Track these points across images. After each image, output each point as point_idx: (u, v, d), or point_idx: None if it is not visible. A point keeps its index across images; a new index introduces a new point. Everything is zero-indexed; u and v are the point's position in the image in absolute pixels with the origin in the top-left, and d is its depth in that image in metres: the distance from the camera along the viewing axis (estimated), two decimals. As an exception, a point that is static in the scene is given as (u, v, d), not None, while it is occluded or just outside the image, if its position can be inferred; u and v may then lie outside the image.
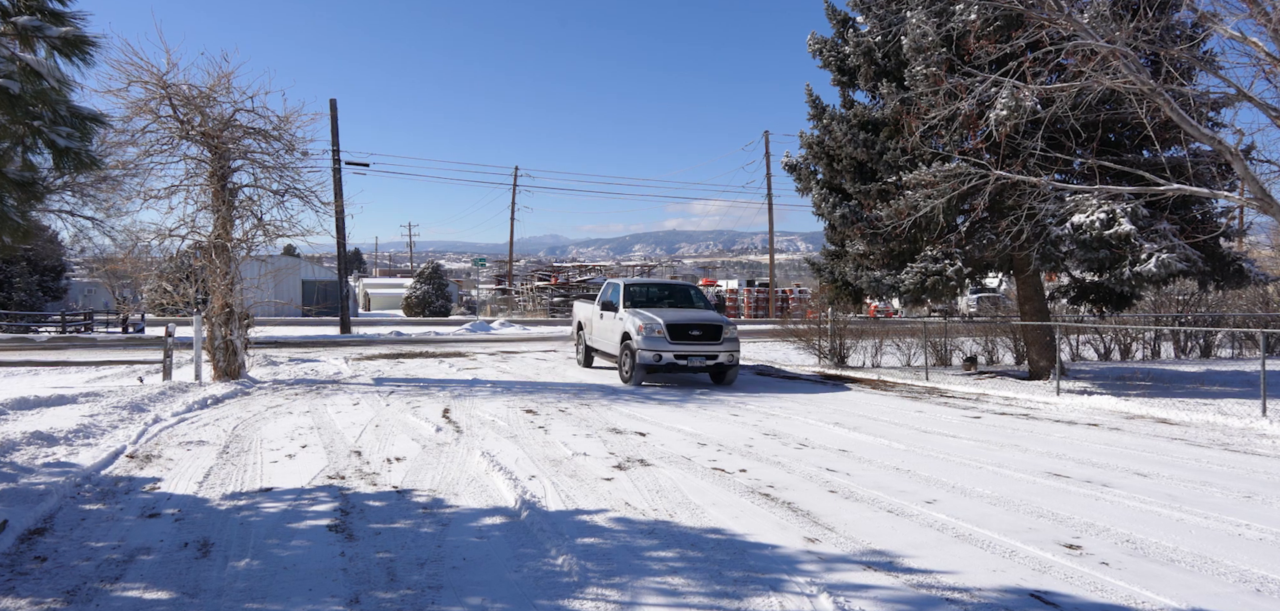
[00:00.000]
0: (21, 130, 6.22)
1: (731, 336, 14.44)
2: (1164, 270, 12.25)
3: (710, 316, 14.81)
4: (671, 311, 14.93)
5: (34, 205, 7.05)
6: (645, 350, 14.05)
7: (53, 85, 6.03)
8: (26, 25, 6.01)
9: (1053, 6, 10.26)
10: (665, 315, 14.45)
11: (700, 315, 14.83)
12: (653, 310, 14.96)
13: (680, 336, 14.08)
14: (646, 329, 14.12)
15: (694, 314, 14.88)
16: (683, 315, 14.61)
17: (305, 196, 15.00)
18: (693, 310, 15.47)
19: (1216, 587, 4.66)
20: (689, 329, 14.17)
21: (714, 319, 14.57)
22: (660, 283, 17.22)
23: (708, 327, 14.28)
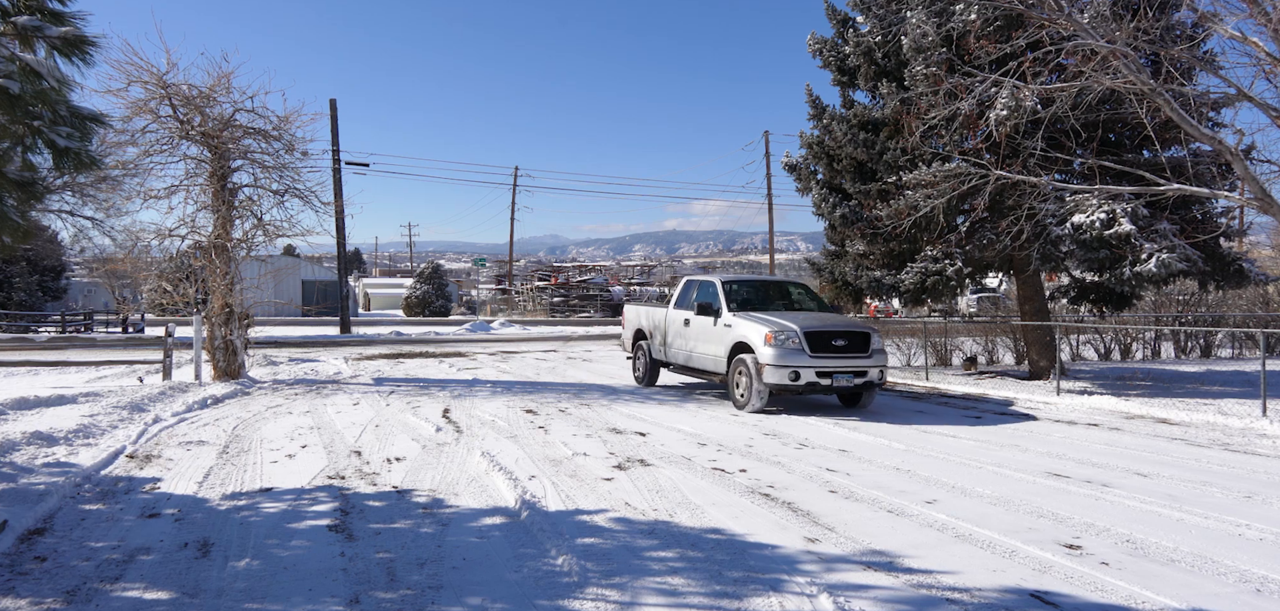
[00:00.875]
0: (21, 130, 6.21)
1: (880, 348, 11.54)
2: (1164, 270, 12.25)
3: (852, 322, 12.18)
4: (796, 316, 11.75)
5: (34, 205, 7.05)
6: (777, 366, 10.87)
7: (53, 85, 6.02)
8: (26, 25, 6.01)
9: (1053, 6, 10.26)
10: (794, 320, 11.34)
11: (839, 320, 11.99)
12: (768, 314, 11.95)
13: (821, 348, 11.06)
14: (779, 338, 10.94)
15: (830, 319, 11.88)
16: (817, 320, 11.59)
17: (305, 196, 15.01)
18: (823, 314, 12.43)
19: (1217, 587, 4.66)
20: (831, 338, 11.19)
21: (857, 325, 11.80)
22: (761, 279, 14.30)
23: (853, 336, 11.33)
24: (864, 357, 11.28)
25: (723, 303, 12.34)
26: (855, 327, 11.53)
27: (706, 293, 13.02)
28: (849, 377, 11.11)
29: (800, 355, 10.90)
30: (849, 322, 11.95)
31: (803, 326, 11.08)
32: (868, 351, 11.37)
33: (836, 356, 11.12)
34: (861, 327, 11.58)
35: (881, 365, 11.42)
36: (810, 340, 11.00)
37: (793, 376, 10.86)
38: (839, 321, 11.83)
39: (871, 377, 11.29)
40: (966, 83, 11.88)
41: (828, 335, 11.19)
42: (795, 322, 11.20)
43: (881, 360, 11.46)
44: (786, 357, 10.89)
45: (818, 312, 12.58)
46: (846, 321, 12.05)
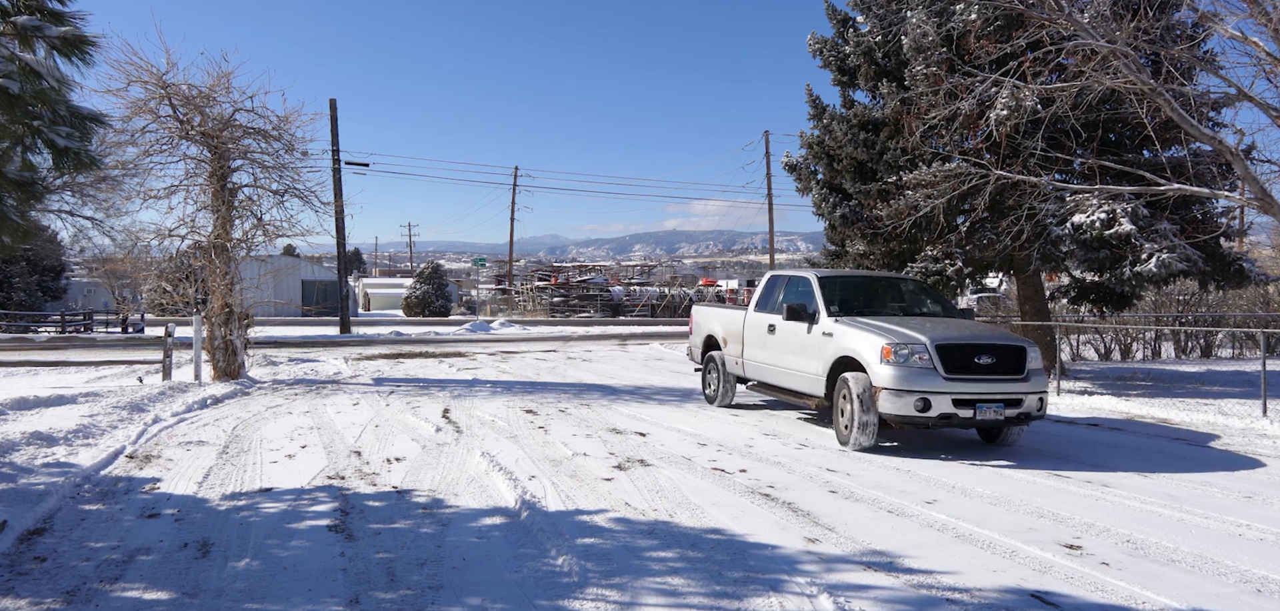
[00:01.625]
0: (21, 130, 6.21)
1: (1038, 368, 8.62)
2: (1164, 270, 12.25)
3: (999, 333, 9.41)
4: (920, 324, 9.17)
5: (34, 205, 7.05)
6: (898, 391, 8.17)
7: (52, 85, 6.02)
8: (26, 25, 6.01)
9: (1053, 6, 10.25)
10: (919, 330, 8.68)
11: (980, 330, 9.29)
12: (881, 319, 9.38)
13: (960, 368, 8.29)
14: (901, 353, 8.26)
15: (967, 329, 9.12)
16: (952, 330, 8.85)
17: (305, 196, 15.02)
18: (952, 321, 9.75)
19: (1217, 587, 4.66)
20: (974, 354, 8.40)
21: (1006, 337, 8.92)
22: (867, 275, 11.65)
23: (1003, 352, 8.49)
24: (1017, 381, 8.38)
25: (820, 304, 9.66)
26: (1005, 340, 8.69)
27: (798, 291, 10.39)
28: (998, 408, 8.20)
29: (931, 377, 8.16)
30: (994, 333, 9.17)
31: (934, 338, 8.32)
32: (1022, 372, 8.43)
33: (980, 379, 8.26)
34: (1013, 341, 8.68)
35: (1040, 391, 8.49)
36: (945, 357, 8.23)
37: (920, 405, 8.10)
38: (980, 331, 9.10)
39: (1028, 408, 8.38)
40: (966, 83, 11.88)
41: (969, 350, 8.36)
42: (922, 333, 8.46)
43: (1040, 384, 8.51)
44: (912, 379, 8.14)
45: (945, 318, 9.92)
46: (991, 332, 9.36)
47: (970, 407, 8.14)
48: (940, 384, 8.13)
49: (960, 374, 8.21)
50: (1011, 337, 8.84)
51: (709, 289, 58.08)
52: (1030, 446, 9.04)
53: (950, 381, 8.14)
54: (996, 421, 8.32)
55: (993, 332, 9.25)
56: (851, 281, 10.76)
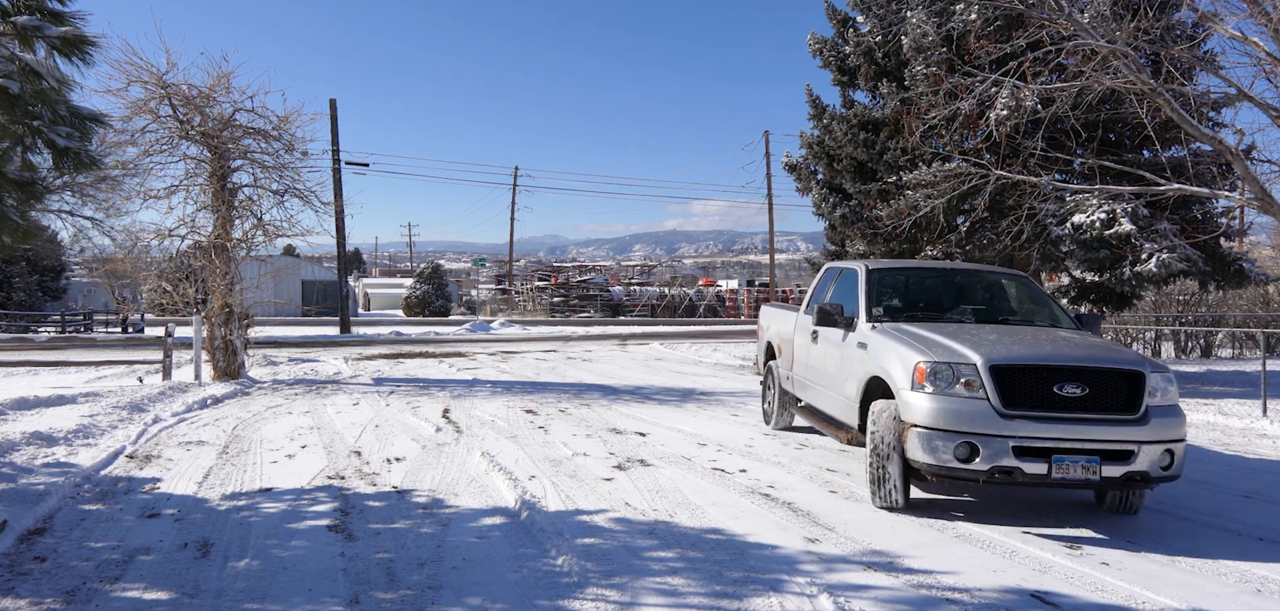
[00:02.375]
0: (21, 130, 6.21)
1: (1167, 404, 5.93)
2: (1164, 270, 12.26)
3: (1103, 351, 6.26)
4: (991, 333, 6.62)
5: (34, 205, 7.05)
6: (933, 431, 5.83)
7: (52, 85, 6.03)
8: (26, 25, 6.01)
9: (1053, 6, 10.26)
10: (977, 341, 6.26)
11: (1075, 346, 6.30)
12: (945, 324, 7.06)
13: (1031, 399, 5.80)
14: (938, 373, 5.93)
15: (1057, 342, 6.42)
16: (1027, 342, 6.36)
17: (305, 196, 15.01)
18: (1046, 331, 7.08)
19: (1217, 587, 4.66)
20: (1053, 378, 5.82)
21: (1111, 357, 6.08)
22: (943, 266, 8.83)
23: (1101, 378, 5.87)
24: (1125, 423, 5.68)
25: (861, 303, 7.30)
26: (1107, 361, 5.90)
27: (842, 286, 8.13)
28: (1090, 463, 5.55)
29: (981, 411, 5.68)
30: (1095, 351, 6.13)
31: (992, 354, 5.84)
32: (1136, 410, 5.74)
33: (1062, 418, 5.66)
34: (1121, 362, 5.93)
35: (1167, 440, 5.70)
36: (1005, 382, 5.73)
37: (964, 452, 5.66)
38: (1074, 348, 6.15)
39: (1145, 466, 5.63)
40: (966, 83, 11.88)
41: (1045, 374, 5.75)
42: (977, 347, 5.98)
43: (1167, 429, 5.73)
44: (952, 415, 5.72)
45: (1047, 329, 7.08)
46: (1091, 348, 6.19)
47: (1042, 461, 5.49)
48: (995, 423, 5.57)
49: (1029, 409, 5.62)
50: (1121, 356, 6.03)
51: (709, 289, 58.05)
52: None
53: (1011, 420, 5.56)
54: (1086, 483, 5.58)
55: (1093, 349, 6.10)
56: (919, 275, 8.32)
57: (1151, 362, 6.06)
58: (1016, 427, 5.60)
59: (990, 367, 5.73)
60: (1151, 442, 5.62)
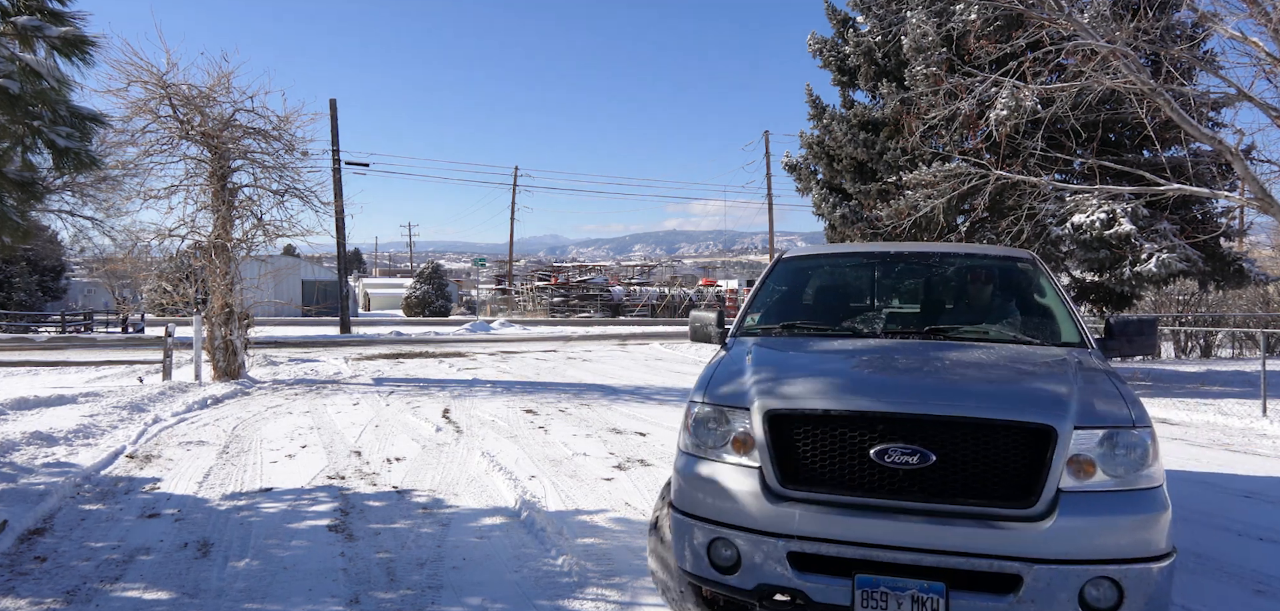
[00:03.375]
0: (21, 130, 6.22)
1: (1119, 490, 3.16)
2: (1164, 270, 12.26)
3: (996, 382, 3.61)
4: (896, 357, 4.02)
5: (34, 205, 7.06)
6: (684, 517, 3.54)
7: (52, 85, 6.03)
8: (26, 25, 6.01)
9: (1053, 6, 10.26)
10: (794, 370, 3.91)
11: (947, 376, 3.72)
12: (814, 349, 4.33)
13: (842, 471, 3.31)
14: (700, 422, 3.65)
15: (933, 372, 3.77)
16: (911, 374, 3.77)
17: (305, 196, 15.03)
18: (977, 351, 4.15)
19: (1217, 587, 4.66)
20: (876, 433, 3.27)
21: (1003, 394, 3.44)
22: (878, 252, 5.62)
23: (958, 432, 3.22)
24: (1009, 517, 3.15)
25: (745, 308, 5.07)
26: (987, 400, 3.34)
27: (752, 284, 5.68)
28: (927, 595, 3.14)
29: (747, 487, 3.40)
30: (982, 382, 3.61)
31: (774, 394, 3.52)
32: (1031, 497, 3.15)
33: (892, 504, 3.24)
34: (1013, 404, 3.31)
35: (1105, 558, 3.07)
36: (786, 436, 3.41)
37: (725, 557, 3.44)
38: (952, 378, 3.70)
39: (1038, 607, 3.07)
40: (966, 83, 11.89)
41: (857, 424, 3.32)
42: (786, 373, 3.82)
43: (1110, 532, 3.09)
44: (705, 489, 3.51)
45: (997, 348, 4.25)
46: (982, 380, 3.66)
47: (844, 581, 3.25)
48: (764, 509, 3.34)
49: (829, 488, 3.33)
50: (1021, 394, 3.48)
51: (709, 289, 58.07)
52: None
53: (790, 504, 3.32)
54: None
55: (981, 380, 3.65)
56: (844, 265, 5.71)
57: (1090, 405, 3.28)
58: (798, 519, 3.25)
59: (765, 414, 3.37)
60: (1058, 563, 3.04)
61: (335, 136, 31.97)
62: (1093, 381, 3.59)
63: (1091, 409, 3.28)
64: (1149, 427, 3.26)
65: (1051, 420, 3.18)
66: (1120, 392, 3.47)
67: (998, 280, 5.08)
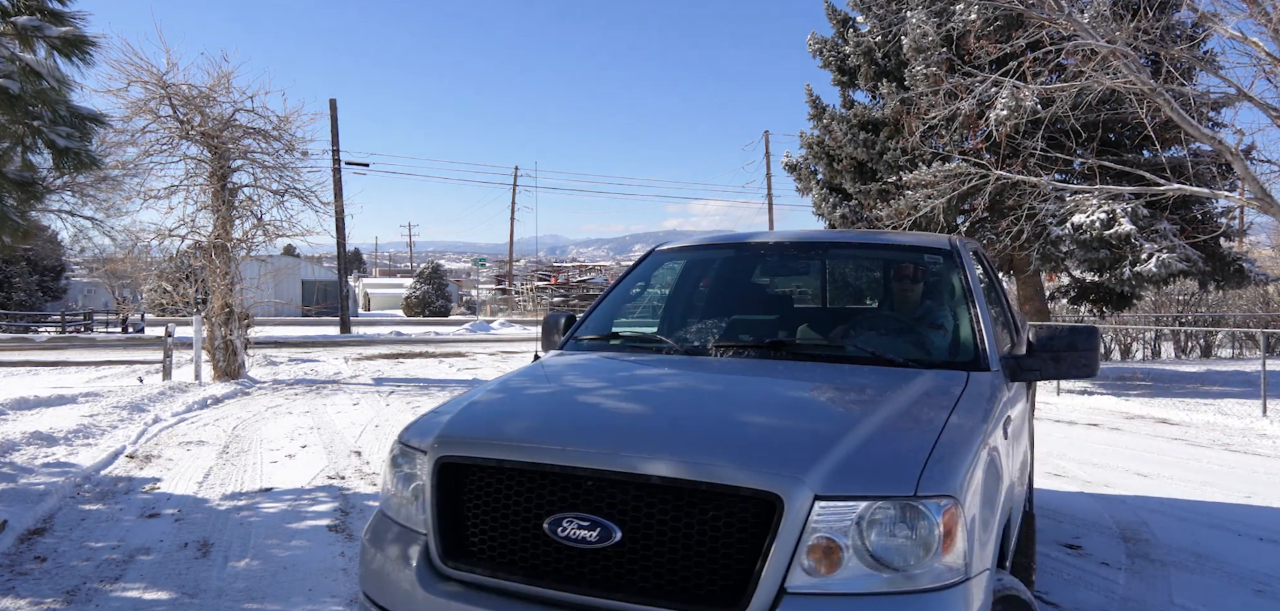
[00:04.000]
0: (21, 130, 6.22)
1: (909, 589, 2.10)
2: (1164, 270, 12.26)
3: (735, 424, 2.51)
4: (745, 381, 3.05)
5: (34, 205, 7.06)
6: (364, 602, 2.66)
7: (52, 85, 6.03)
8: (26, 25, 6.02)
9: (1053, 6, 10.26)
10: (506, 394, 3.11)
11: (707, 412, 2.71)
12: (648, 364, 3.44)
13: (517, 545, 2.35)
14: (397, 466, 2.75)
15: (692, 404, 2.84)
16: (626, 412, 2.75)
17: (305, 196, 15.04)
18: (836, 372, 3.14)
19: (1217, 587, 4.66)
20: (556, 497, 2.31)
21: (717, 444, 2.34)
22: (756, 242, 4.42)
23: (647, 498, 2.23)
24: None
25: (598, 301, 4.28)
26: (699, 451, 2.29)
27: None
28: None
29: (411, 557, 2.53)
30: (720, 426, 2.50)
31: (452, 433, 2.61)
32: (739, 601, 2.11)
33: (569, 594, 2.25)
34: (727, 459, 2.22)
35: None
36: (455, 492, 2.51)
37: None
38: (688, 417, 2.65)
39: None
40: (966, 83, 11.89)
41: (535, 482, 2.36)
42: (520, 409, 2.94)
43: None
44: (376, 558, 2.65)
45: (849, 373, 3.11)
46: (730, 420, 2.55)
47: None
48: (420, 599, 2.43)
49: (499, 570, 2.37)
50: (758, 442, 2.38)
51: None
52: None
53: (452, 589, 2.40)
54: None
55: (746, 419, 2.56)
56: (716, 258, 4.54)
57: (859, 461, 2.27)
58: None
59: (437, 462, 2.54)
60: None
61: (335, 136, 31.97)
62: (912, 422, 2.52)
63: (855, 467, 2.19)
64: (949, 498, 2.12)
65: (777, 484, 2.10)
66: (935, 441, 2.33)
67: (898, 277, 4.04)
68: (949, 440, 2.38)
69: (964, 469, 2.29)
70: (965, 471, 2.29)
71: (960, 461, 2.30)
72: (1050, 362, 3.24)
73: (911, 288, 3.89)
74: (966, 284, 3.60)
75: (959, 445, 2.38)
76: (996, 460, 2.66)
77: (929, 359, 3.32)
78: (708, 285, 4.39)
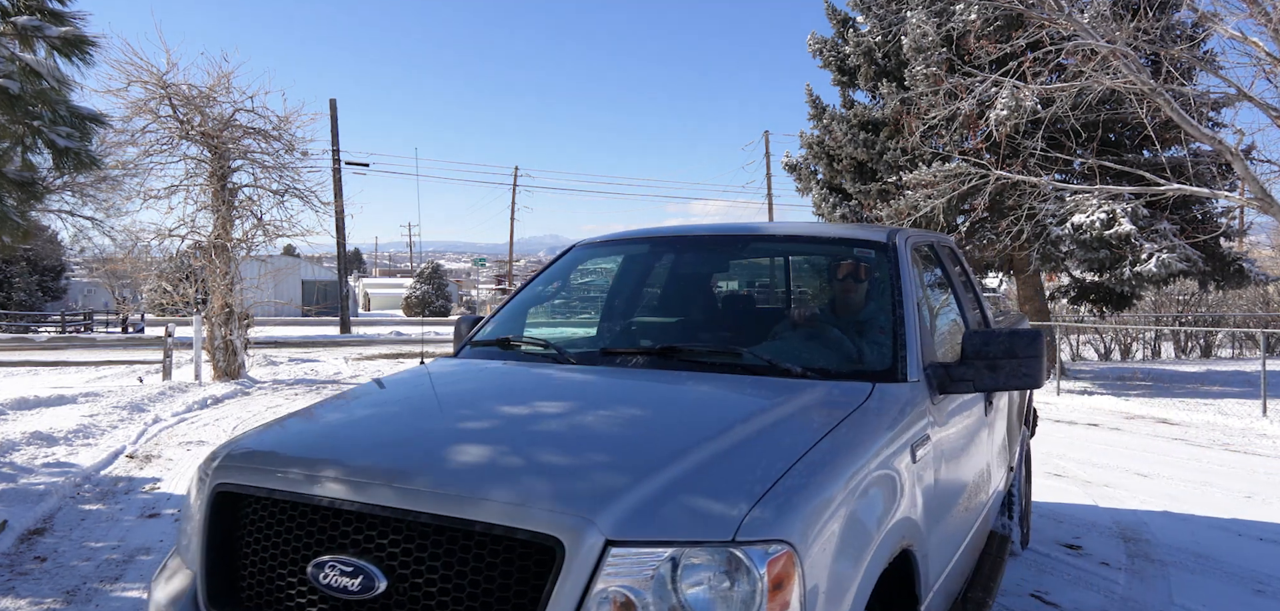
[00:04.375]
0: (21, 130, 6.22)
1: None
2: (1164, 270, 12.27)
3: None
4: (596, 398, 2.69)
5: (34, 205, 7.06)
6: None
7: (52, 85, 6.03)
8: (26, 25, 6.02)
9: (1053, 6, 10.26)
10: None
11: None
12: (532, 371, 3.06)
13: (286, 588, 2.02)
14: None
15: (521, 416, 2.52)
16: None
17: (305, 196, 15.05)
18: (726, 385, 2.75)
19: (1217, 587, 4.66)
20: (322, 536, 1.99)
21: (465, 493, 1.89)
22: (670, 235, 4.02)
23: (405, 540, 1.89)
24: None
25: (506, 300, 4.03)
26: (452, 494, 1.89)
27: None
28: None
29: (182, 591, 2.26)
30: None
31: (236, 452, 2.34)
32: None
33: None
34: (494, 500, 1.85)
35: None
36: (228, 525, 2.19)
37: None
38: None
39: None
40: (966, 83, 11.89)
41: (303, 518, 2.04)
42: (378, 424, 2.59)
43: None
44: (162, 591, 2.34)
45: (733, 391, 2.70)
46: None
47: None
48: None
49: None
50: (549, 474, 2.00)
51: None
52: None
53: None
54: None
55: (568, 446, 2.22)
56: (632, 252, 4.14)
57: (675, 497, 1.85)
58: None
59: (213, 489, 2.26)
60: None
61: (335, 136, 31.98)
62: (767, 447, 2.10)
63: (665, 507, 1.80)
64: (782, 543, 1.73)
65: (557, 525, 1.76)
66: (784, 472, 1.93)
67: (826, 274, 3.68)
68: (805, 470, 1.96)
69: (812, 506, 1.85)
70: (816, 510, 1.85)
71: (810, 497, 1.87)
72: (985, 371, 2.79)
73: (839, 286, 3.43)
74: (895, 281, 3.07)
75: (818, 476, 1.96)
76: (886, 493, 2.21)
77: (833, 368, 2.84)
78: (623, 283, 4.01)
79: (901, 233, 3.45)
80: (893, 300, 3.00)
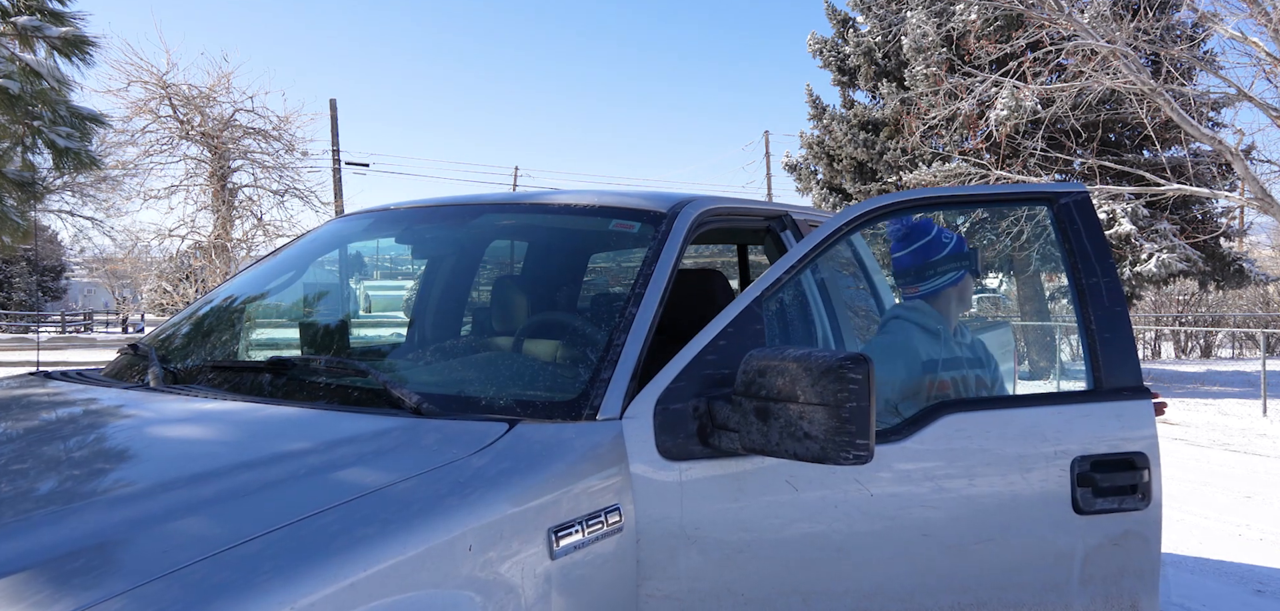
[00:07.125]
0: (21, 130, 6.23)
1: None
2: (1164, 270, 12.28)
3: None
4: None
5: (34, 205, 7.06)
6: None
7: (52, 85, 6.04)
8: (26, 25, 6.02)
9: (1053, 6, 10.26)
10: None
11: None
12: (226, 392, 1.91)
13: None
14: None
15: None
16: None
17: (305, 196, 15.07)
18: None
19: (1217, 587, 4.66)
20: None
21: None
22: (426, 205, 2.78)
23: None
24: None
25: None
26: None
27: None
28: None
29: None
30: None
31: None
32: None
33: None
34: None
35: None
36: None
37: None
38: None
39: None
40: (966, 83, 11.90)
41: None
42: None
43: None
44: None
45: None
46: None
47: None
48: None
49: None
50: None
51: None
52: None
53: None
54: None
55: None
56: (413, 223, 2.87)
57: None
58: None
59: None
60: None
61: (335, 136, 31.96)
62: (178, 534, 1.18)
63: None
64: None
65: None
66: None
67: (577, 259, 2.80)
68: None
69: None
70: None
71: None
72: (753, 419, 1.55)
73: (574, 272, 2.63)
74: (649, 267, 1.95)
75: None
76: None
77: (488, 396, 1.75)
78: (327, 275, 3.08)
79: (699, 202, 2.26)
80: (635, 293, 1.88)
